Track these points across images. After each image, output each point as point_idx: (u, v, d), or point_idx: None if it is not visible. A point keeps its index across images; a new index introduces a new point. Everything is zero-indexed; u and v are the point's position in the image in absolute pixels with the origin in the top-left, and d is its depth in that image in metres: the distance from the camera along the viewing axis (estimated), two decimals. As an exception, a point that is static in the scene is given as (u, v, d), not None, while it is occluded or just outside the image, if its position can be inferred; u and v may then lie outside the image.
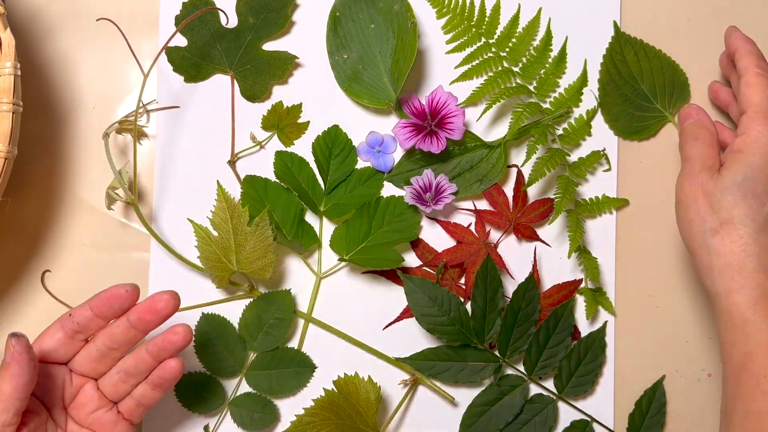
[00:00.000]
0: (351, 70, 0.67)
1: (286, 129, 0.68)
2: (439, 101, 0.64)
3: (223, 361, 0.65)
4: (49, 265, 0.66)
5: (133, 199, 0.62)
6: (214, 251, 0.62)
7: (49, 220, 0.67)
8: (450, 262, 0.65)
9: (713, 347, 0.68)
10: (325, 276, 0.67)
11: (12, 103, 0.58)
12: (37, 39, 0.67)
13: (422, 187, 0.64)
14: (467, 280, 0.65)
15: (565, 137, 0.67)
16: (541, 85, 0.67)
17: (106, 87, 0.68)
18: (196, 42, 0.67)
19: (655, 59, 0.68)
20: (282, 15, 0.67)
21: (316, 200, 0.66)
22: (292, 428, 0.62)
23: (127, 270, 0.67)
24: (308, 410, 0.62)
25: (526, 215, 0.66)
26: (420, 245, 0.67)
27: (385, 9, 0.66)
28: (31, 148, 0.67)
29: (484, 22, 0.67)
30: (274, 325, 0.65)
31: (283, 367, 0.65)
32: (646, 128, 0.68)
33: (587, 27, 0.68)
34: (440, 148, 0.63)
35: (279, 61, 0.67)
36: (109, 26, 0.65)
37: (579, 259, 0.66)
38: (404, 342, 0.67)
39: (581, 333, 0.67)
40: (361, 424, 0.63)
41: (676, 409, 0.68)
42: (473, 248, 0.65)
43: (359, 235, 0.66)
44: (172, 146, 0.67)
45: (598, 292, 0.67)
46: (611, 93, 0.68)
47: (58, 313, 0.66)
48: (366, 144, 0.67)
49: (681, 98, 0.68)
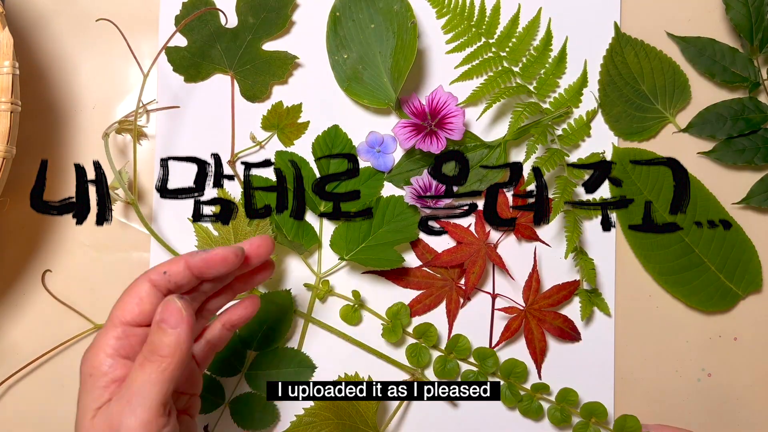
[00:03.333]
0: (351, 70, 0.67)
1: (286, 129, 0.68)
2: (439, 101, 0.64)
3: (222, 361, 0.65)
4: (49, 265, 0.66)
5: (133, 199, 0.62)
6: (213, 251, 0.62)
7: (49, 220, 0.67)
8: (450, 263, 0.65)
9: (713, 347, 0.68)
10: (325, 276, 0.67)
11: (10, 102, 0.58)
12: (37, 39, 0.67)
13: (422, 187, 0.64)
14: (467, 281, 0.65)
15: (564, 138, 0.67)
16: (541, 85, 0.67)
17: (106, 87, 0.68)
18: (196, 42, 0.67)
19: (655, 60, 0.68)
20: (282, 15, 0.67)
21: (316, 200, 0.66)
22: (292, 428, 0.62)
23: (127, 270, 0.67)
24: (308, 410, 0.62)
25: (525, 216, 0.66)
26: (419, 245, 0.67)
27: (385, 9, 0.66)
28: (31, 148, 0.67)
29: (484, 22, 0.67)
30: (274, 325, 0.65)
31: (283, 366, 0.65)
32: (647, 129, 0.68)
33: (587, 27, 0.68)
34: (440, 148, 0.63)
35: (279, 61, 0.67)
36: (109, 26, 0.65)
37: (575, 260, 0.66)
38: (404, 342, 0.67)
39: (580, 333, 0.67)
40: (361, 424, 0.63)
41: (676, 409, 0.68)
42: (473, 248, 0.65)
43: (359, 235, 0.66)
44: (172, 146, 0.67)
45: (594, 293, 0.67)
46: (611, 94, 0.68)
47: (58, 313, 0.66)
48: (366, 144, 0.67)
49: (682, 99, 0.68)
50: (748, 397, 0.68)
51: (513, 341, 0.67)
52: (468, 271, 0.65)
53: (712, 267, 0.67)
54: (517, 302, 0.66)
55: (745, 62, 0.67)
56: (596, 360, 0.67)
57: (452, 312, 0.66)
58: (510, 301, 0.67)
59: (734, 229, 0.67)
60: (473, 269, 0.65)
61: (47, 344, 0.65)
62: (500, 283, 0.67)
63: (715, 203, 0.67)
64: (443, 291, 0.66)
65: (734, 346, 0.68)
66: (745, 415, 0.68)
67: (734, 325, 0.68)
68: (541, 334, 0.66)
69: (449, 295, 0.66)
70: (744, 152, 0.67)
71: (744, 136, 0.67)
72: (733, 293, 0.67)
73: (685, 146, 0.68)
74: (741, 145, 0.67)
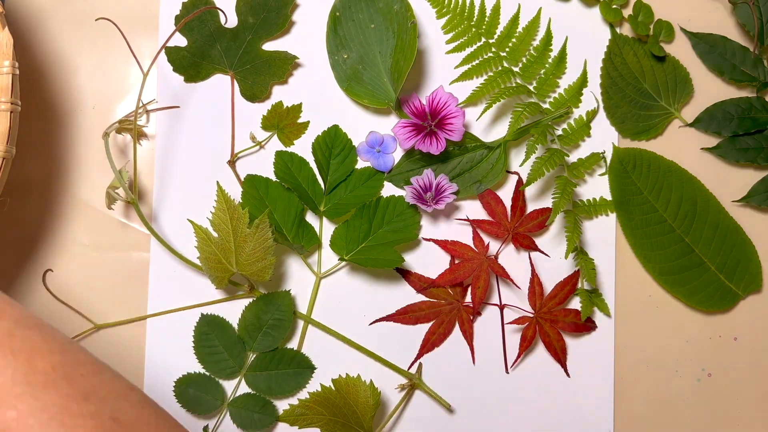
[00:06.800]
0: (351, 70, 0.66)
1: (286, 129, 0.67)
2: (440, 101, 0.64)
3: (222, 362, 0.65)
4: (49, 265, 0.66)
5: (133, 198, 0.62)
6: (213, 252, 0.62)
7: (49, 220, 0.67)
8: (453, 281, 0.65)
9: (713, 347, 0.68)
10: (325, 276, 0.67)
11: (10, 102, 0.58)
12: (37, 39, 0.67)
13: (422, 186, 0.64)
14: (474, 296, 0.65)
15: (564, 138, 0.67)
16: (541, 85, 0.67)
17: (106, 87, 0.68)
18: (196, 42, 0.67)
19: (655, 57, 0.68)
20: (282, 15, 0.67)
21: (316, 200, 0.66)
22: (282, 416, 0.63)
23: (127, 270, 0.67)
24: (302, 402, 0.63)
25: (524, 225, 0.66)
26: (412, 276, 0.66)
27: (385, 9, 0.65)
28: (31, 148, 0.67)
29: (484, 22, 0.67)
30: (274, 326, 0.65)
31: (283, 368, 0.65)
32: (653, 127, 0.68)
33: (587, 27, 0.68)
34: (439, 149, 0.63)
35: (279, 61, 0.67)
36: (108, 26, 0.65)
37: (576, 260, 0.66)
38: (404, 344, 0.67)
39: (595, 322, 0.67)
40: (355, 425, 0.63)
41: (676, 409, 0.68)
42: (475, 263, 0.65)
43: (359, 235, 0.65)
44: (172, 146, 0.67)
45: (594, 293, 0.67)
46: (614, 96, 0.68)
47: (58, 313, 0.66)
48: (366, 144, 0.67)
49: (685, 93, 0.68)
50: (748, 397, 0.68)
51: (532, 348, 0.67)
52: (473, 286, 0.65)
53: (712, 267, 0.67)
54: (526, 309, 0.66)
55: (755, 62, 0.67)
56: (596, 360, 0.67)
57: (468, 332, 0.66)
58: (518, 311, 0.66)
59: (734, 229, 0.67)
60: (478, 284, 0.65)
61: (47, 344, 0.65)
62: (505, 292, 0.67)
63: (715, 203, 0.67)
64: (452, 315, 0.66)
65: (734, 346, 0.68)
66: (745, 415, 0.68)
67: (734, 325, 0.68)
68: (558, 334, 0.66)
69: (459, 317, 0.66)
70: (748, 151, 0.67)
71: (749, 134, 0.67)
72: (733, 293, 0.67)
73: (689, 143, 0.68)
74: (745, 143, 0.67)
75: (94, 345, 0.66)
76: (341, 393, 0.63)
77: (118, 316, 0.66)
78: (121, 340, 0.66)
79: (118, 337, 0.66)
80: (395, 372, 0.66)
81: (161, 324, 0.66)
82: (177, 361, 0.66)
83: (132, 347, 0.66)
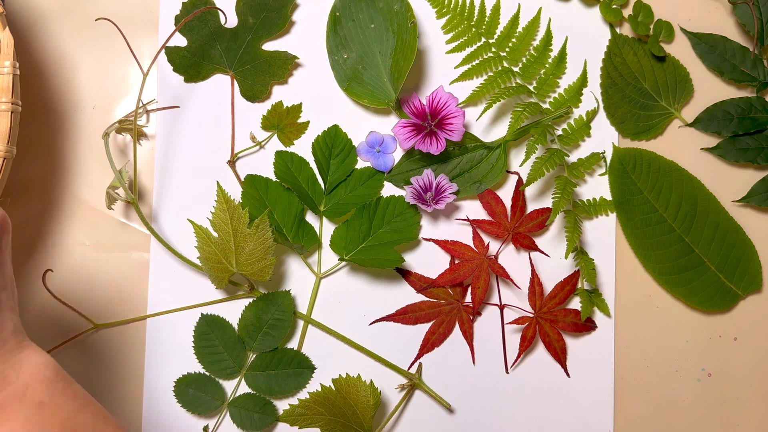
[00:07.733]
0: (351, 70, 0.66)
1: (286, 129, 0.68)
2: (440, 101, 0.64)
3: (222, 362, 0.65)
4: (49, 265, 0.66)
5: (133, 198, 0.62)
6: (213, 252, 0.62)
7: (49, 220, 0.67)
8: (453, 281, 0.65)
9: (713, 347, 0.68)
10: (325, 276, 0.67)
11: (11, 102, 0.58)
12: (37, 39, 0.67)
13: (422, 186, 0.64)
14: (474, 297, 0.65)
15: (564, 138, 0.67)
16: (541, 85, 0.67)
17: (105, 87, 0.68)
18: (196, 42, 0.67)
19: (654, 57, 0.68)
20: (282, 15, 0.67)
21: (316, 200, 0.66)
22: (283, 416, 0.63)
23: (127, 270, 0.67)
24: (302, 401, 0.63)
25: (524, 225, 0.66)
26: (412, 276, 0.66)
27: (384, 9, 0.66)
28: (31, 148, 0.67)
29: (484, 22, 0.67)
30: (274, 326, 0.65)
31: (283, 367, 0.65)
32: (653, 127, 0.68)
33: (587, 27, 0.68)
34: (439, 149, 0.63)
35: (279, 61, 0.67)
36: (109, 26, 0.65)
37: (576, 260, 0.66)
38: (404, 344, 0.67)
39: (595, 322, 0.67)
40: (355, 425, 0.63)
41: (676, 409, 0.68)
42: (475, 264, 0.65)
43: (359, 235, 0.66)
44: (172, 146, 0.67)
45: (594, 293, 0.67)
46: (614, 96, 0.68)
47: (58, 313, 0.66)
48: (366, 144, 0.67)
49: (685, 93, 0.68)
50: (748, 397, 0.68)
51: (532, 348, 0.67)
52: (473, 286, 0.65)
53: (712, 267, 0.67)
54: (526, 309, 0.66)
55: (755, 62, 0.67)
56: (596, 360, 0.67)
57: (468, 332, 0.66)
58: (518, 311, 0.66)
59: (734, 229, 0.67)
60: (478, 284, 0.65)
61: (47, 344, 0.65)
62: (505, 292, 0.67)
63: (715, 203, 0.67)
64: (452, 315, 0.66)
65: (734, 346, 0.68)
66: (745, 415, 0.68)
67: (734, 325, 0.68)
68: (558, 335, 0.66)
69: (459, 317, 0.66)
70: (747, 151, 0.67)
71: (749, 134, 0.67)
72: (733, 293, 0.67)
73: (689, 142, 0.68)
74: (745, 143, 0.67)
75: (94, 345, 0.66)
76: (341, 393, 0.63)
77: (118, 316, 0.66)
78: (120, 340, 0.66)
79: (117, 337, 0.66)
80: (395, 372, 0.66)
81: (161, 324, 0.66)
82: (177, 361, 0.66)
83: (132, 347, 0.66)
